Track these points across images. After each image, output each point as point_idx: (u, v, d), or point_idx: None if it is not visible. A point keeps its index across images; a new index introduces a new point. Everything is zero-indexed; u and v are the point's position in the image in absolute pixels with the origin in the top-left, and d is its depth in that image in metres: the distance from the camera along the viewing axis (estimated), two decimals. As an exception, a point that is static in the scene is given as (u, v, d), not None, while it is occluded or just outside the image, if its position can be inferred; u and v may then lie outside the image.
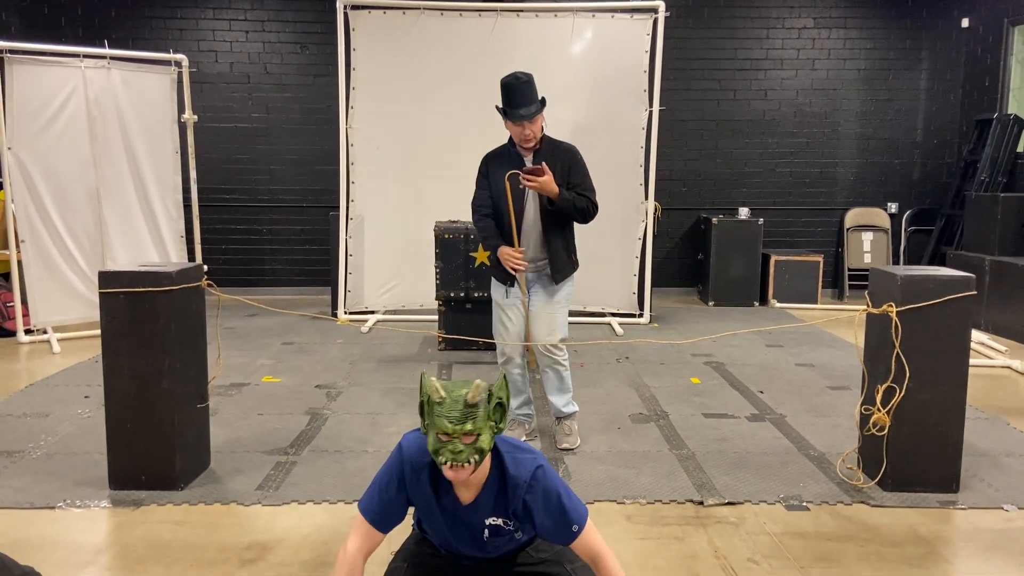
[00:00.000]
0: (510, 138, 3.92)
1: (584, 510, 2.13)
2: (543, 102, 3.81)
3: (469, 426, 1.93)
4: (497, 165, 3.92)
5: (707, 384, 5.26)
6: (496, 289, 4.08)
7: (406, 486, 2.09)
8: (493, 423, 2.00)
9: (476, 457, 1.95)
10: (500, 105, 3.81)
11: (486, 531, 2.11)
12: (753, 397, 4.98)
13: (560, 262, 3.94)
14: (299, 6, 8.28)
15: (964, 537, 3.15)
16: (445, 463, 1.95)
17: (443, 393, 1.96)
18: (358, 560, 2.09)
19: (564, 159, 3.88)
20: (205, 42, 8.28)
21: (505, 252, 3.86)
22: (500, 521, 2.10)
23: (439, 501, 2.10)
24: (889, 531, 3.18)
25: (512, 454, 2.11)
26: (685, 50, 8.41)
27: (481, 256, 6.00)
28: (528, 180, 3.70)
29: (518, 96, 3.74)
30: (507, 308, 4.02)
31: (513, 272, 3.87)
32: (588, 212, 3.88)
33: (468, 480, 2.02)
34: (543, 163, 3.72)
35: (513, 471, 2.07)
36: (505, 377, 2.10)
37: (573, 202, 3.81)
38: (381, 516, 2.11)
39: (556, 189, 3.74)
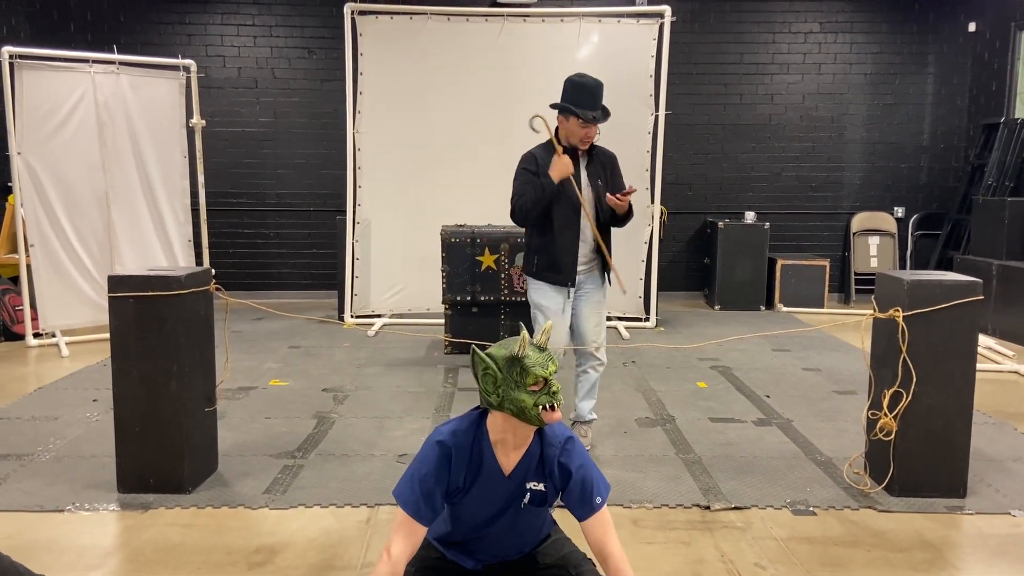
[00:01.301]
0: (555, 137, 3.89)
1: (607, 486, 2.23)
2: (606, 111, 3.85)
3: (553, 367, 2.09)
4: (548, 164, 3.83)
5: (713, 388, 5.26)
6: (549, 297, 3.91)
7: (449, 473, 2.13)
8: None
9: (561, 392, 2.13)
10: (564, 103, 3.78)
11: (527, 496, 2.19)
12: (760, 401, 4.97)
13: (607, 264, 3.99)
14: (307, 11, 8.32)
15: (971, 543, 3.15)
16: (547, 407, 2.07)
17: (527, 348, 2.09)
18: (400, 565, 2.10)
19: (609, 163, 3.99)
20: (213, 47, 8.32)
21: (560, 159, 3.75)
22: (541, 486, 2.19)
23: (481, 477, 2.17)
24: (896, 536, 3.17)
25: None
26: (691, 55, 8.42)
27: (487, 260, 6.02)
28: (623, 199, 3.77)
29: (592, 97, 3.78)
30: (555, 314, 3.88)
31: (565, 169, 3.74)
32: (630, 218, 3.99)
33: (528, 432, 2.15)
34: (630, 185, 3.83)
35: (549, 433, 2.21)
36: (550, 327, 2.23)
37: (629, 212, 3.91)
38: (421, 508, 2.12)
39: (626, 206, 3.83)
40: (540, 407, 2.06)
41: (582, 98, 3.76)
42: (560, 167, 3.76)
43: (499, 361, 2.10)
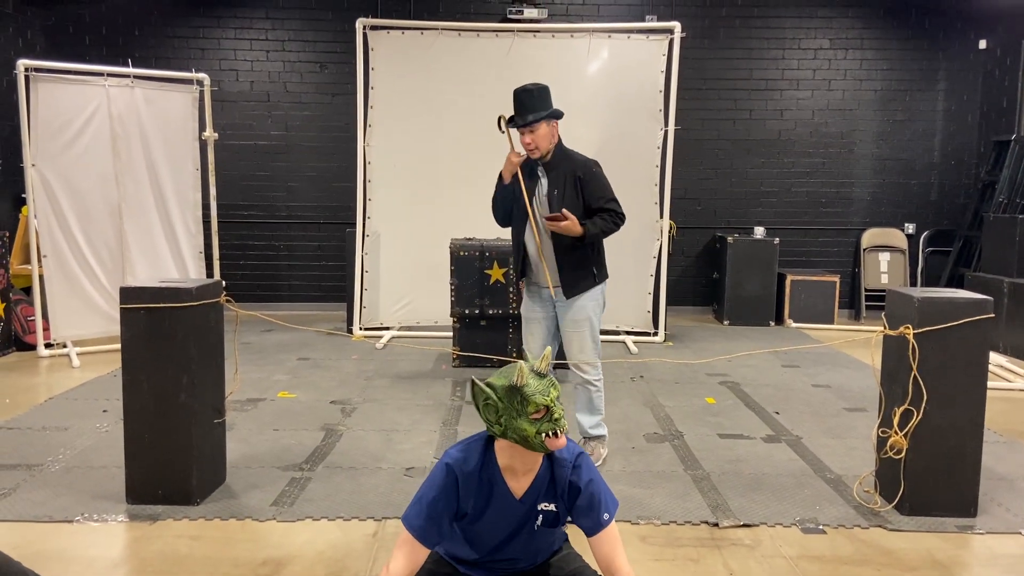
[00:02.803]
0: (508, 134, 4.00)
1: (615, 502, 2.23)
2: (554, 114, 3.84)
3: (555, 392, 2.07)
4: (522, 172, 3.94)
5: (722, 404, 5.24)
6: (524, 302, 4.16)
7: (458, 499, 2.13)
8: None
9: (566, 418, 2.10)
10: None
11: (539, 518, 2.19)
12: (769, 418, 4.95)
13: (571, 278, 3.91)
14: (319, 26, 8.39)
15: (982, 562, 3.12)
16: (550, 434, 2.05)
17: (525, 377, 2.06)
18: None
19: (576, 172, 3.87)
20: (226, 61, 8.39)
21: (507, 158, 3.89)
22: (552, 506, 2.19)
23: (493, 501, 2.16)
24: (906, 556, 3.15)
25: None
26: (701, 70, 8.44)
27: (496, 274, 6.03)
28: (551, 224, 3.78)
29: (518, 104, 3.85)
30: (530, 322, 4.09)
31: (514, 166, 3.88)
32: (613, 229, 3.90)
33: (534, 456, 2.14)
34: (563, 210, 3.76)
35: (558, 453, 2.18)
36: (550, 352, 2.22)
37: (600, 230, 3.86)
38: (428, 531, 2.13)
39: (579, 230, 3.78)
40: (543, 435, 2.04)
41: (515, 104, 3.85)
42: (505, 165, 3.90)
43: (499, 391, 2.08)
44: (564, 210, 3.75)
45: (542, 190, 3.91)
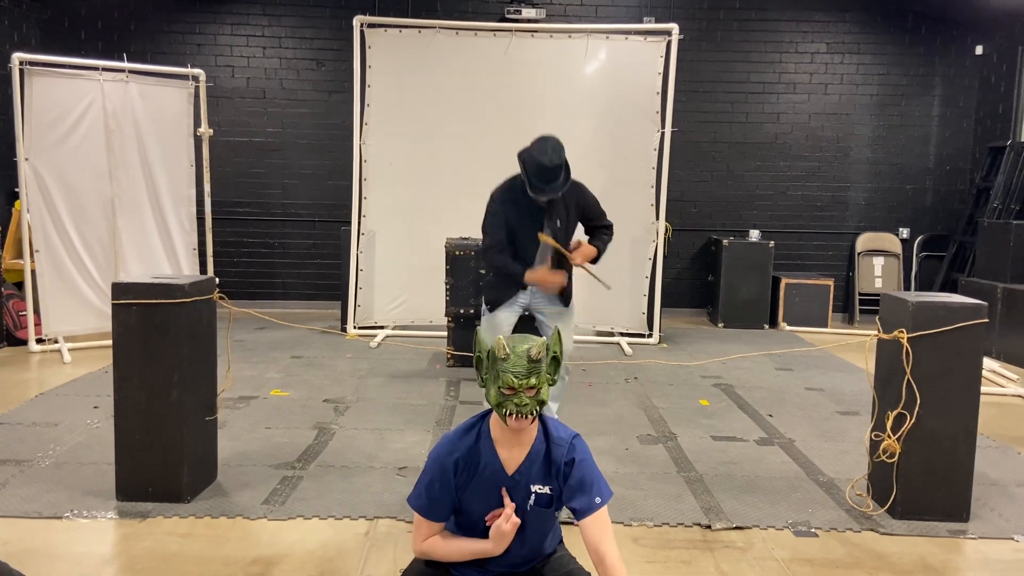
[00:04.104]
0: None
1: (609, 491, 2.25)
2: (568, 171, 3.75)
3: (533, 380, 2.08)
4: (514, 208, 3.86)
5: (716, 406, 5.24)
6: (499, 315, 4.07)
7: (452, 481, 2.19)
8: (549, 375, 2.16)
9: (538, 408, 2.13)
10: (525, 167, 3.72)
11: (532, 498, 2.21)
12: (762, 420, 4.95)
13: (571, 288, 4.07)
14: (316, 23, 8.37)
15: (974, 567, 3.12)
16: (510, 415, 2.09)
17: (508, 350, 2.10)
18: (430, 540, 2.24)
19: (576, 198, 3.97)
20: (223, 57, 8.37)
21: (543, 274, 3.86)
22: (547, 489, 2.22)
23: (485, 474, 2.19)
24: (898, 560, 3.15)
25: (553, 421, 2.29)
26: (698, 73, 8.44)
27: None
28: (579, 261, 3.90)
29: (547, 176, 3.69)
30: (503, 328, 4.04)
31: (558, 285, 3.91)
32: (610, 243, 4.07)
33: (521, 432, 2.16)
34: (575, 241, 3.94)
35: (556, 433, 2.24)
36: (559, 332, 2.24)
37: (605, 247, 4.01)
38: (432, 511, 2.23)
39: (594, 252, 3.93)
40: (506, 412, 2.10)
41: (540, 176, 3.69)
42: (549, 283, 3.88)
43: (488, 353, 2.17)
44: (572, 243, 3.94)
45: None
